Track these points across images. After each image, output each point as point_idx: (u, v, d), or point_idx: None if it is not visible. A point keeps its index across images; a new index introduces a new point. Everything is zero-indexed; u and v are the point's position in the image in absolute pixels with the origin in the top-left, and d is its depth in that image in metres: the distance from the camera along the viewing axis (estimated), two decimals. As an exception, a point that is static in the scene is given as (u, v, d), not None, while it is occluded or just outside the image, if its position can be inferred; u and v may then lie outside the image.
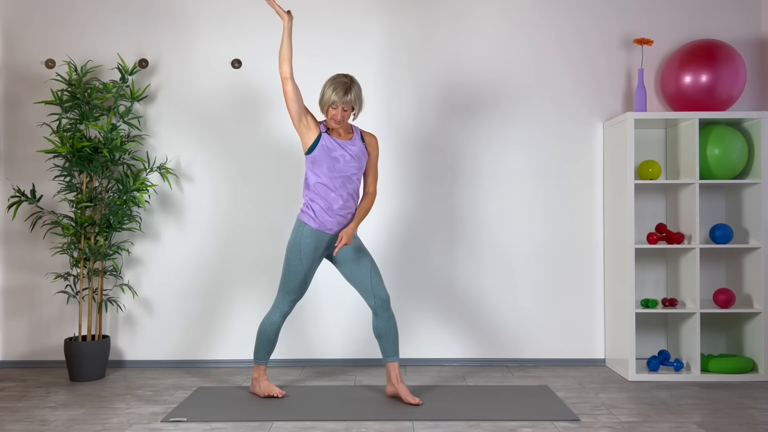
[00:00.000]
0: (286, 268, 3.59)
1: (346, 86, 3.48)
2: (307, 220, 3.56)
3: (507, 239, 4.48)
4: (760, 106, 4.49)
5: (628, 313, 4.07)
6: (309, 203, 3.57)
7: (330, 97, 3.48)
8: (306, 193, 3.60)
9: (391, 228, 4.49)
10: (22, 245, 4.47)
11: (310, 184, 3.58)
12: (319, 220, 3.55)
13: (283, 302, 3.65)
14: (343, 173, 3.55)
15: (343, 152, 3.55)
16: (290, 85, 3.48)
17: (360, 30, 4.48)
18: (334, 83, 3.49)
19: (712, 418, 3.33)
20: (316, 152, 3.53)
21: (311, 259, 3.57)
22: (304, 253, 3.55)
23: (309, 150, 3.55)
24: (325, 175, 3.54)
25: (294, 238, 3.57)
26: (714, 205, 4.48)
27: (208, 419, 3.33)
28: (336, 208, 3.55)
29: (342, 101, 3.47)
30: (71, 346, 4.10)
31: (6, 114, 4.48)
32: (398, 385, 3.61)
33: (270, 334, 3.67)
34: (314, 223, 3.55)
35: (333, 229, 3.57)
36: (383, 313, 3.61)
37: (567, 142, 4.49)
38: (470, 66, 4.49)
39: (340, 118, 3.51)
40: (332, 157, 3.52)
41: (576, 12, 4.50)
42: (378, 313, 3.62)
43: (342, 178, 3.55)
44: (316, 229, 3.55)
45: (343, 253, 3.63)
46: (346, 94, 3.47)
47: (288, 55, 3.48)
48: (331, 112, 3.51)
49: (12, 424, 3.29)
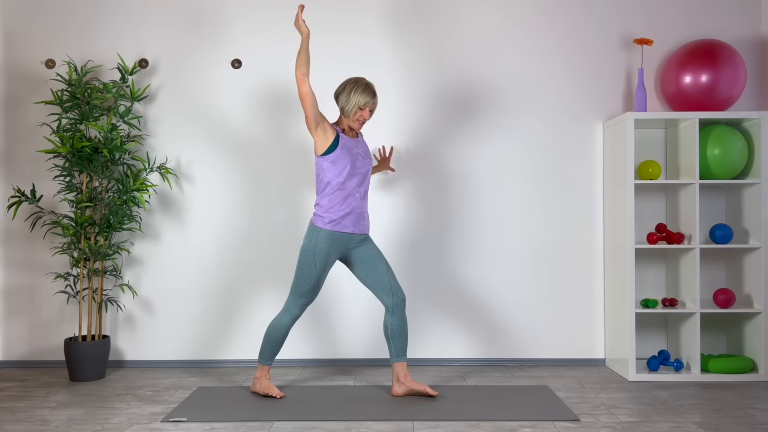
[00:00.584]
0: (300, 272, 3.62)
1: (372, 88, 3.62)
2: (322, 224, 3.58)
3: (507, 239, 4.48)
4: (760, 106, 4.49)
5: (628, 313, 4.08)
6: (326, 205, 3.60)
7: (361, 99, 3.58)
8: (322, 196, 3.62)
9: (390, 228, 4.49)
10: (22, 245, 4.47)
11: (329, 185, 3.60)
12: (338, 219, 3.58)
13: (294, 305, 3.67)
14: (360, 170, 3.63)
15: (358, 150, 3.65)
16: (309, 86, 3.53)
17: (360, 31, 4.48)
18: (361, 86, 3.59)
19: (712, 418, 3.33)
20: (337, 151, 3.57)
21: (325, 263, 3.61)
22: (318, 257, 3.58)
23: (329, 150, 3.57)
24: (345, 174, 3.58)
25: (309, 242, 3.59)
26: (714, 205, 4.48)
27: (208, 419, 3.33)
28: (355, 206, 3.61)
29: (373, 102, 3.61)
30: (71, 346, 4.10)
31: (6, 114, 4.48)
32: (413, 383, 3.67)
33: (278, 335, 3.69)
34: (332, 225, 3.57)
35: (349, 228, 3.61)
36: (399, 312, 3.66)
37: (567, 142, 4.49)
38: (471, 66, 4.49)
39: (367, 118, 3.63)
40: (352, 155, 3.60)
41: (576, 12, 4.50)
42: (394, 312, 3.66)
43: (360, 176, 3.63)
44: (333, 231, 3.57)
45: (358, 254, 3.68)
46: (375, 95, 3.63)
47: (307, 60, 3.53)
48: (360, 113, 3.60)
49: (12, 424, 3.29)
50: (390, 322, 3.67)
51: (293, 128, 4.48)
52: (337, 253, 3.64)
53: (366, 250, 3.70)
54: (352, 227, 3.62)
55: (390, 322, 3.67)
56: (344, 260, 3.75)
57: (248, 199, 4.47)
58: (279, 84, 4.48)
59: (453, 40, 4.49)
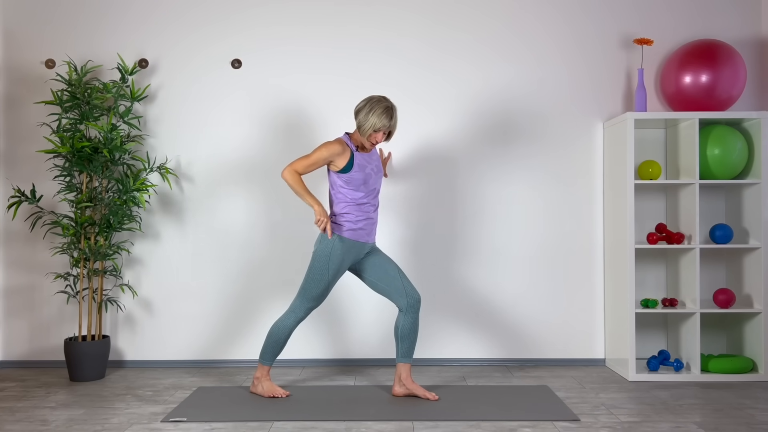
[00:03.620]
0: (311, 276, 3.63)
1: (390, 112, 3.59)
2: (340, 231, 3.61)
3: (507, 239, 4.48)
4: (760, 106, 4.49)
5: (628, 313, 4.08)
6: (343, 214, 3.62)
7: (378, 122, 3.56)
8: (338, 208, 3.63)
9: (391, 230, 4.49)
10: (22, 245, 4.47)
11: (343, 201, 3.62)
12: (355, 229, 3.62)
13: (300, 308, 3.68)
14: (374, 186, 3.68)
15: (371, 168, 3.68)
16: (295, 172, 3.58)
17: (359, 33, 4.48)
18: (380, 108, 3.57)
19: (712, 418, 3.33)
20: (352, 173, 3.60)
21: (337, 270, 3.63)
22: (333, 263, 3.60)
23: (344, 170, 3.59)
24: (359, 194, 3.62)
25: (324, 247, 3.61)
26: (714, 205, 4.48)
27: (208, 419, 3.33)
28: (370, 218, 3.66)
29: (389, 126, 3.60)
30: (71, 346, 4.10)
31: (6, 114, 4.48)
32: (412, 385, 3.68)
33: (281, 337, 3.69)
34: (350, 234, 3.60)
35: (364, 238, 3.65)
36: (413, 314, 3.67)
37: (567, 142, 4.49)
38: (472, 66, 4.49)
39: (380, 141, 3.63)
40: (366, 173, 3.64)
41: (575, 12, 4.50)
42: (408, 312, 3.67)
43: (373, 193, 3.69)
44: (350, 239, 3.61)
45: (368, 261, 3.71)
46: (391, 119, 3.59)
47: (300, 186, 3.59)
48: (374, 136, 3.60)
49: (12, 424, 3.29)
50: (402, 322, 3.67)
51: (293, 128, 4.48)
52: (351, 261, 3.66)
53: (375, 257, 3.73)
54: (366, 237, 3.66)
55: (402, 322, 3.67)
56: (354, 270, 3.77)
57: (248, 199, 4.47)
58: (279, 84, 4.48)
59: (454, 41, 4.49)
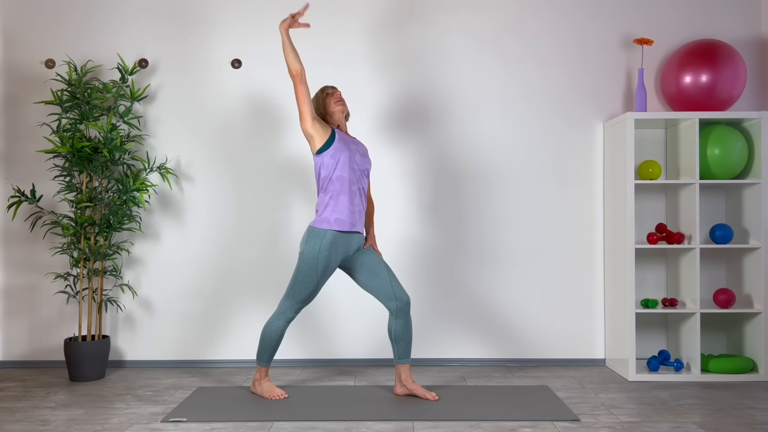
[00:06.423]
0: (299, 278, 3.58)
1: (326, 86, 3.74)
2: (327, 225, 3.54)
3: (506, 239, 4.48)
4: (760, 106, 4.49)
5: (628, 313, 4.08)
6: (328, 201, 3.57)
7: (321, 93, 3.70)
8: (324, 193, 3.60)
9: (390, 229, 4.49)
10: (22, 245, 4.47)
11: (329, 179, 3.58)
12: (340, 216, 3.55)
13: (289, 309, 3.65)
14: (360, 167, 3.63)
15: (356, 148, 3.67)
16: (304, 82, 3.55)
17: (345, 36, 4.49)
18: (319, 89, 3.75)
19: (712, 418, 3.33)
20: (335, 144, 3.57)
21: (325, 270, 3.58)
22: (320, 263, 3.56)
23: (326, 145, 3.57)
24: (345, 167, 3.57)
25: (311, 249, 3.55)
26: (714, 205, 4.48)
27: (208, 419, 3.33)
28: (356, 202, 3.60)
29: (333, 87, 3.71)
30: (71, 346, 4.10)
31: (6, 114, 4.48)
32: (412, 385, 3.68)
33: (274, 338, 3.68)
34: (337, 224, 3.54)
35: (351, 225, 3.57)
36: (403, 316, 3.65)
37: (567, 142, 4.49)
38: (472, 67, 4.49)
39: (341, 97, 3.69)
40: (350, 149, 3.61)
41: (575, 12, 4.50)
42: (398, 315, 3.65)
43: (360, 171, 3.63)
44: (336, 231, 3.55)
45: (358, 260, 3.67)
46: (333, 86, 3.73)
47: (297, 55, 3.54)
48: (332, 99, 3.68)
49: (12, 424, 3.29)
50: (394, 326, 3.65)
51: (293, 128, 4.48)
52: (339, 258, 3.60)
53: (365, 256, 3.69)
54: (351, 225, 3.58)
55: (394, 326, 3.65)
56: (344, 267, 3.74)
57: (248, 199, 4.47)
58: (279, 84, 4.48)
59: (454, 42, 4.49)
